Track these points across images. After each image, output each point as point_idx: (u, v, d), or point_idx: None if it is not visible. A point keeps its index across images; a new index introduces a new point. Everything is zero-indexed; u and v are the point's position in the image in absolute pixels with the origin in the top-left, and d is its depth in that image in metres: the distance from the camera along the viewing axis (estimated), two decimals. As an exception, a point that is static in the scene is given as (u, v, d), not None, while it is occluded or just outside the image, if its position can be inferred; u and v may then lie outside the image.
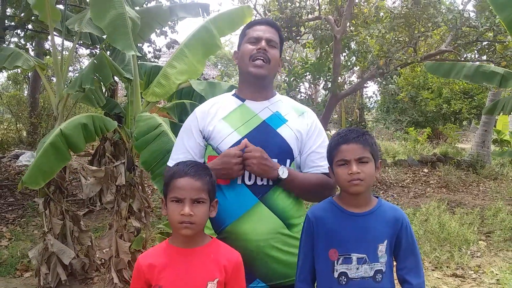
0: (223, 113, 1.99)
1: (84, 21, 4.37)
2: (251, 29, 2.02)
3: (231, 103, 2.03)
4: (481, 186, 9.95)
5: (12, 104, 13.80)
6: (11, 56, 4.23)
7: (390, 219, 1.77)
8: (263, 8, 10.62)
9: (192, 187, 1.63)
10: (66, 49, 11.00)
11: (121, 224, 3.87)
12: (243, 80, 2.06)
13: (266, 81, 2.02)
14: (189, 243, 1.68)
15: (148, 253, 1.76)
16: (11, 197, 7.36)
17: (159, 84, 3.68)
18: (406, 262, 1.77)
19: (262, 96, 2.02)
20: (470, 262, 5.00)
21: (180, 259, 1.66)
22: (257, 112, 1.98)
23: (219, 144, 1.92)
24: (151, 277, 1.64)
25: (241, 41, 2.05)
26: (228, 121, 1.96)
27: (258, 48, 1.94)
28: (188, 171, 1.65)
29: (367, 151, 1.72)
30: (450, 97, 17.58)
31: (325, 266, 1.75)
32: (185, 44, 3.76)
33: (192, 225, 1.61)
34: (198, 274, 1.64)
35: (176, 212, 1.61)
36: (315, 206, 1.88)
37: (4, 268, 4.62)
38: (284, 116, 2.00)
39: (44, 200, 4.18)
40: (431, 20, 8.83)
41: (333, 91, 9.28)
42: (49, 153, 3.17)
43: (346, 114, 19.12)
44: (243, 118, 1.96)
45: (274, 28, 2.03)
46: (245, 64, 1.97)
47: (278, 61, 2.02)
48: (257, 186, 1.88)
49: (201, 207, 1.64)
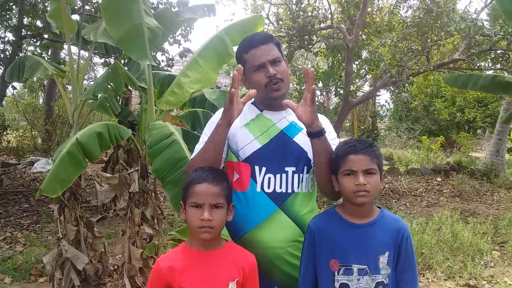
0: (244, 120, 2.03)
1: (99, 31, 4.45)
2: (248, 55, 1.99)
3: (251, 112, 2.07)
4: (495, 196, 9.82)
5: (27, 112, 14.03)
6: (32, 66, 4.33)
7: (392, 230, 1.78)
8: (276, 17, 10.68)
9: (211, 192, 1.68)
10: (82, 58, 11.18)
11: (134, 231, 3.92)
12: (262, 100, 2.07)
13: (285, 97, 2.03)
14: (208, 246, 1.73)
15: (167, 256, 1.79)
16: (26, 203, 7.47)
17: (172, 93, 3.73)
18: (404, 275, 1.77)
19: (279, 107, 2.06)
20: (483, 272, 4.95)
21: (200, 261, 1.71)
22: (275, 122, 2.03)
23: (240, 149, 1.96)
24: (172, 279, 1.68)
25: (244, 67, 1.99)
26: (249, 129, 2.01)
27: (268, 76, 1.94)
28: (207, 177, 1.71)
29: (374, 163, 1.74)
30: (464, 106, 17.43)
31: (326, 276, 1.77)
32: (198, 53, 3.80)
33: (211, 229, 1.66)
34: (219, 275, 1.69)
35: (196, 217, 1.66)
36: (317, 216, 1.90)
37: (19, 273, 4.69)
38: (299, 125, 2.03)
39: (59, 207, 4.24)
40: (444, 29, 8.79)
41: (345, 99, 9.28)
42: (66, 161, 3.22)
43: (358, 122, 19.09)
44: (262, 128, 2.01)
45: (267, 42, 2.00)
46: (263, 92, 1.98)
47: (287, 72, 2.04)
48: (276, 194, 1.91)
49: (219, 211, 1.69)
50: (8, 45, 8.80)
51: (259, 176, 1.92)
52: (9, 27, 9.10)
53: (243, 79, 2.04)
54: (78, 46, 4.68)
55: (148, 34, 3.47)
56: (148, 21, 3.52)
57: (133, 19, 3.45)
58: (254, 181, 1.92)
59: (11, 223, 6.50)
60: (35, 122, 13.75)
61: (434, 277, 4.85)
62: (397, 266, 1.76)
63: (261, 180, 1.92)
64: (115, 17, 3.45)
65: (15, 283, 4.50)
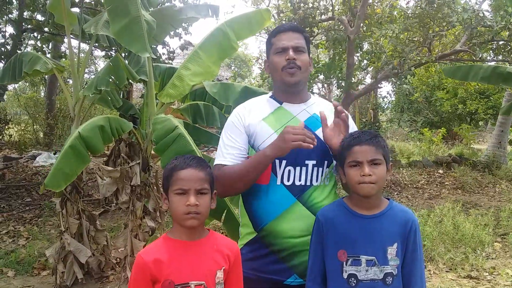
0: (262, 114, 2.03)
1: (100, 24, 4.44)
2: (276, 38, 2.04)
3: (269, 105, 2.07)
4: (497, 187, 9.81)
5: (29, 106, 14.04)
6: (31, 61, 4.32)
7: (400, 221, 1.77)
8: (276, 9, 10.63)
9: (196, 178, 1.65)
10: (82, 52, 11.16)
11: (136, 224, 3.93)
12: (278, 87, 2.09)
13: (300, 86, 2.06)
14: (192, 235, 1.69)
15: (150, 249, 1.72)
16: (28, 197, 7.49)
17: (173, 86, 3.72)
18: (411, 267, 1.76)
19: (298, 99, 2.07)
20: (484, 263, 4.95)
21: (185, 251, 1.67)
22: (295, 115, 2.03)
23: (260, 144, 1.96)
24: (158, 272, 1.62)
25: (269, 51, 2.08)
26: (268, 122, 2.00)
27: (287, 59, 1.97)
28: (190, 163, 1.67)
29: (379, 153, 1.73)
30: (466, 97, 17.36)
31: (335, 267, 1.77)
32: (199, 46, 3.79)
33: (198, 215, 1.63)
34: (206, 264, 1.67)
35: (181, 204, 1.62)
36: (325, 207, 1.90)
37: (22, 266, 4.71)
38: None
39: (61, 200, 4.26)
40: (446, 19, 8.75)
41: (346, 91, 9.26)
42: (69, 155, 3.23)
43: (360, 114, 19.04)
44: (282, 120, 2.00)
45: (298, 32, 2.05)
46: (278, 75, 2.01)
47: (308, 64, 2.05)
48: (295, 186, 1.93)
49: (205, 197, 1.66)
50: (9, 39, 8.78)
51: (279, 170, 1.93)
52: (9, 21, 9.08)
53: (265, 64, 2.12)
54: (79, 39, 4.67)
55: (146, 27, 3.47)
56: (144, 14, 3.52)
57: (131, 12, 3.45)
58: (275, 175, 1.94)
59: (14, 217, 6.52)
60: (37, 116, 13.76)
61: (436, 269, 4.86)
62: (405, 257, 1.76)
63: (281, 173, 1.93)
64: (114, 9, 3.45)
65: (18, 277, 4.52)
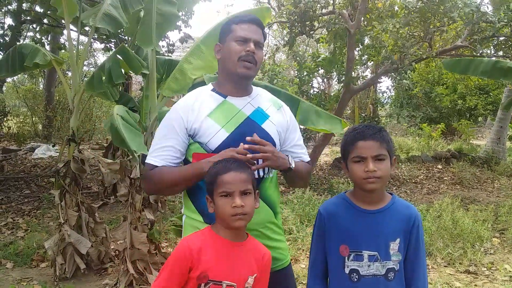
0: (206, 110, 1.96)
1: (98, 16, 4.40)
2: (238, 25, 1.98)
3: (213, 99, 2.01)
4: (496, 183, 9.82)
5: (28, 98, 14.00)
6: (30, 54, 4.29)
7: (403, 217, 1.76)
8: (277, 2, 10.58)
9: (240, 179, 1.68)
10: (81, 44, 11.10)
11: (135, 217, 3.93)
12: (226, 77, 2.03)
13: (250, 81, 2.05)
14: (236, 237, 1.73)
15: (196, 237, 1.75)
16: (27, 189, 7.49)
17: (175, 79, 3.70)
18: (413, 263, 1.76)
19: (243, 92, 2.03)
20: (483, 259, 4.96)
21: (227, 251, 1.70)
22: (240, 108, 1.99)
23: (208, 141, 1.91)
24: (197, 262, 1.65)
25: (225, 36, 2.00)
26: (213, 118, 1.94)
27: (247, 50, 1.93)
28: (231, 166, 1.70)
29: (383, 148, 1.71)
30: (465, 93, 17.33)
31: (336, 262, 1.76)
32: (201, 40, 3.78)
33: (244, 215, 1.66)
34: (242, 268, 1.70)
35: (228, 206, 1.65)
36: (328, 201, 1.89)
37: (21, 258, 4.71)
38: (266, 112, 2.03)
39: (60, 192, 4.25)
40: (447, 15, 8.71)
41: (346, 85, 9.24)
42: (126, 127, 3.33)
43: (359, 109, 19.02)
44: (228, 115, 1.96)
45: (261, 27, 2.02)
46: (233, 64, 1.95)
47: (262, 60, 2.06)
48: None
49: (249, 198, 1.69)
50: (8, 30, 8.73)
51: None
52: (8, 12, 9.02)
53: (217, 47, 2.04)
54: (78, 30, 4.64)
55: (156, 19, 3.45)
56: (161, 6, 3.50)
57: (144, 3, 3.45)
58: None
59: (13, 209, 6.52)
60: (36, 108, 13.72)
61: (434, 263, 4.87)
62: (407, 253, 1.75)
63: None
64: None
65: (17, 268, 4.52)
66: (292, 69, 17.56)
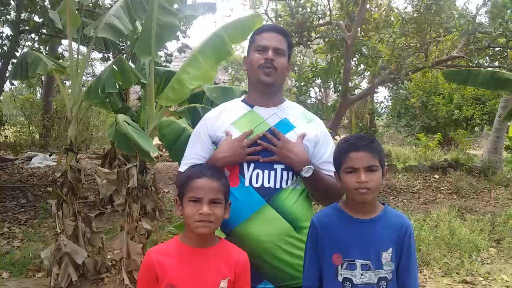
0: (232, 118, 2.02)
1: (99, 27, 4.43)
2: (259, 36, 2.04)
3: (240, 109, 2.06)
4: (493, 193, 9.85)
5: (25, 107, 13.96)
6: (33, 63, 4.31)
7: (395, 226, 1.78)
8: (274, 13, 10.65)
9: (210, 187, 1.68)
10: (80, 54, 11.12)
11: (132, 226, 3.91)
12: (252, 87, 2.10)
13: (274, 88, 2.06)
14: (202, 243, 1.72)
15: (160, 249, 1.77)
16: (23, 199, 7.46)
17: (172, 89, 3.72)
18: (405, 272, 1.77)
19: (271, 102, 2.06)
20: (480, 268, 4.97)
21: (193, 258, 1.69)
22: (265, 118, 2.01)
23: None
24: (162, 274, 1.66)
25: (250, 48, 2.07)
26: (237, 127, 1.99)
27: (265, 58, 1.97)
28: (206, 173, 1.71)
29: (375, 160, 1.73)
30: (462, 103, 17.43)
31: (330, 271, 1.77)
32: (198, 50, 3.80)
33: (209, 223, 1.66)
34: (211, 273, 1.68)
35: (194, 211, 1.65)
36: (320, 211, 1.90)
37: (17, 268, 4.69)
38: (292, 123, 2.03)
39: (57, 202, 4.24)
40: (443, 25, 8.79)
41: (343, 95, 9.28)
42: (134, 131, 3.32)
43: (356, 119, 19.04)
44: (252, 124, 1.99)
45: (282, 34, 2.05)
46: (254, 72, 2.01)
47: (285, 68, 2.05)
48: (264, 188, 1.91)
49: (218, 207, 1.68)
50: (6, 40, 8.75)
51: (247, 172, 1.93)
52: (6, 22, 9.04)
53: (244, 60, 2.10)
54: (78, 41, 4.66)
55: (156, 30, 3.47)
56: (161, 17, 3.53)
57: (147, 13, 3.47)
58: (243, 177, 1.93)
59: (9, 218, 6.49)
60: (33, 118, 13.69)
61: (431, 273, 4.87)
62: (400, 262, 1.76)
63: (249, 175, 1.93)
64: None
65: (12, 278, 4.50)
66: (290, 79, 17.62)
